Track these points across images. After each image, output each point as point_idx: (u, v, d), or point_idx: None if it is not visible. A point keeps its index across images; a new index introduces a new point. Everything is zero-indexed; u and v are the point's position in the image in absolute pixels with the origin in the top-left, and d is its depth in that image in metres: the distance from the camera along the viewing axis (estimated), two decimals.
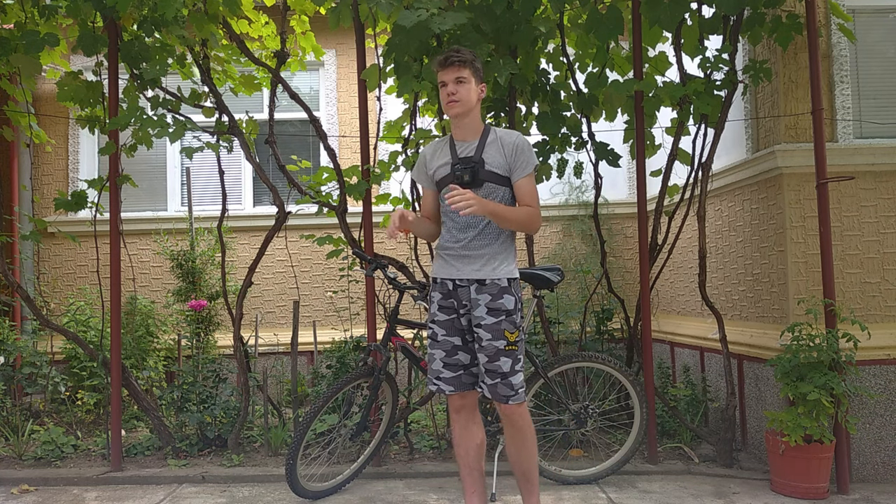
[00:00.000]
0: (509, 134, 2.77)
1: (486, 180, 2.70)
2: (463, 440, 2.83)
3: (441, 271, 2.81)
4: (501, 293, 2.69)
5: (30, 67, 4.13)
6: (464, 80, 2.68)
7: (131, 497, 3.49)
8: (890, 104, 3.95)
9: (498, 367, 2.67)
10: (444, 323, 2.78)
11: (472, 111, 2.74)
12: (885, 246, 3.80)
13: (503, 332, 2.67)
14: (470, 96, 2.70)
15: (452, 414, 2.84)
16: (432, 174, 2.85)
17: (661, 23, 3.63)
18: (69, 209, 4.13)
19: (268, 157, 5.68)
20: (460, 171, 2.70)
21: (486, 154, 2.73)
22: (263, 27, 4.63)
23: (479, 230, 2.72)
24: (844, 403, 3.40)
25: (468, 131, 2.77)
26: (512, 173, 2.73)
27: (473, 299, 2.71)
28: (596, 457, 3.84)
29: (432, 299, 2.83)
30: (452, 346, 2.77)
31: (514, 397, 2.68)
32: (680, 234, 4.28)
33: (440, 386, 2.79)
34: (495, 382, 2.68)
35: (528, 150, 2.75)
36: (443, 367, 2.78)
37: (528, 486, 2.83)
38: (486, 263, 2.71)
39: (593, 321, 4.85)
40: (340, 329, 5.36)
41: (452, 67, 2.69)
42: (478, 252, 2.72)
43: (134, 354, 4.95)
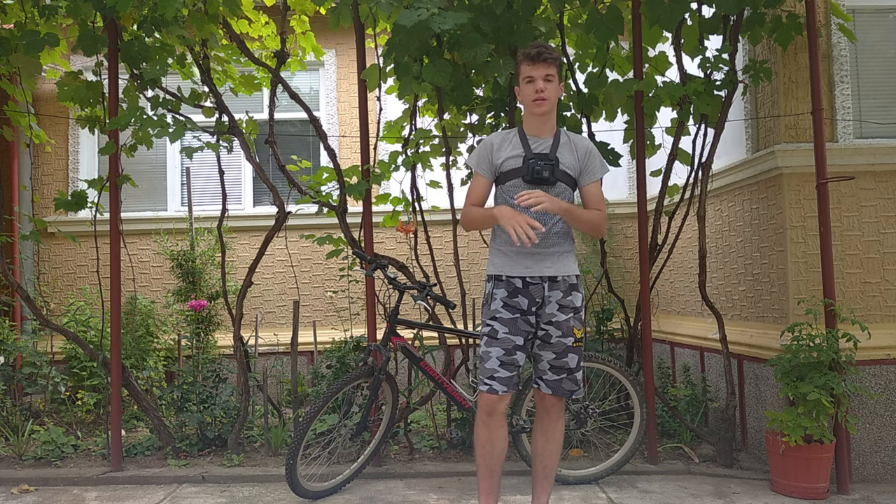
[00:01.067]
0: (582, 139, 2.83)
1: (560, 180, 2.72)
2: (490, 443, 2.77)
3: (508, 269, 2.76)
4: (570, 290, 2.75)
5: (30, 67, 4.13)
6: (552, 78, 2.69)
7: (131, 497, 3.49)
8: (890, 104, 3.95)
9: (565, 364, 2.73)
10: (507, 321, 2.73)
11: (553, 110, 2.76)
12: (885, 246, 3.80)
13: (572, 328, 2.73)
14: (556, 94, 2.73)
15: (483, 416, 2.75)
16: (499, 164, 2.78)
17: (661, 23, 3.63)
18: (69, 209, 4.13)
19: (268, 157, 5.68)
20: (539, 167, 2.67)
21: (559, 153, 2.74)
22: (263, 27, 4.63)
23: (550, 226, 2.73)
24: (844, 403, 3.40)
25: (545, 128, 2.77)
26: (581, 177, 2.79)
27: (546, 296, 2.73)
28: (596, 457, 3.84)
29: (495, 296, 2.77)
30: (514, 345, 2.72)
31: (577, 391, 2.78)
32: (680, 234, 4.28)
33: (493, 386, 2.70)
34: (561, 378, 2.74)
35: (599, 157, 2.82)
36: (499, 367, 2.71)
37: (544, 485, 2.86)
38: (557, 260, 2.75)
39: (593, 321, 4.85)
40: (340, 329, 5.35)
41: (544, 64, 2.66)
42: (550, 250, 2.74)
43: (134, 354, 4.94)
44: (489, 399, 2.73)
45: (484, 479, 2.81)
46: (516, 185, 2.74)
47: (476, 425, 2.83)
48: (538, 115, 2.73)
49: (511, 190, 2.76)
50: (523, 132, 2.79)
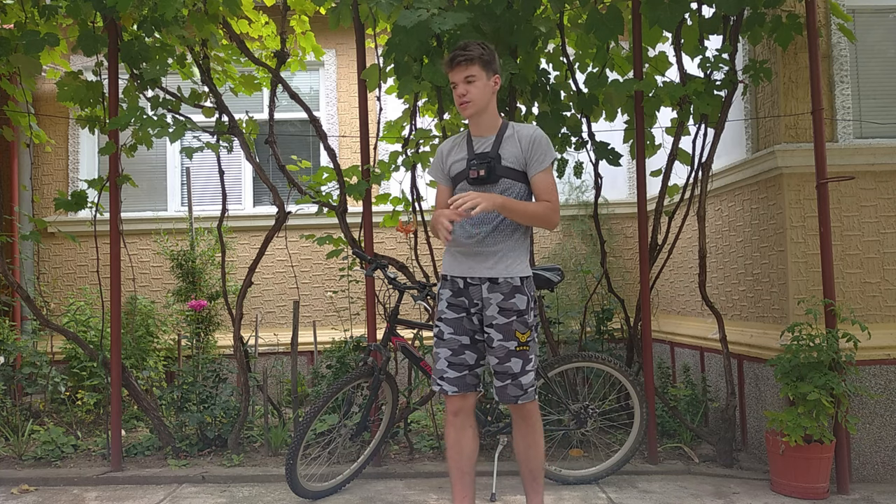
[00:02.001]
0: (526, 128, 2.71)
1: (503, 176, 2.65)
2: (457, 443, 2.77)
3: (452, 268, 2.75)
4: (513, 292, 2.64)
5: (30, 67, 4.13)
6: (473, 78, 2.62)
7: (131, 497, 3.49)
8: (890, 104, 3.95)
9: (508, 369, 2.63)
10: (452, 321, 2.73)
11: (486, 108, 2.69)
12: (885, 246, 3.80)
13: (514, 332, 2.62)
14: (482, 94, 2.64)
15: (449, 416, 2.77)
16: (448, 169, 2.80)
17: (661, 23, 3.63)
18: (69, 209, 4.13)
19: (268, 157, 5.68)
20: (476, 167, 2.64)
21: (502, 149, 2.67)
22: (263, 27, 4.63)
23: (493, 226, 2.66)
24: (844, 403, 3.40)
25: (485, 127, 2.72)
26: (528, 168, 2.68)
27: (485, 298, 2.66)
28: (596, 457, 3.84)
29: (441, 296, 2.77)
30: (460, 345, 2.71)
31: (523, 397, 2.65)
32: (680, 234, 4.28)
33: (443, 386, 2.73)
34: (505, 384, 2.64)
35: (545, 143, 2.68)
36: (447, 367, 2.72)
37: (534, 486, 2.80)
38: (498, 261, 2.66)
39: (593, 321, 4.85)
40: (340, 329, 5.35)
41: (460, 67, 2.62)
42: (491, 249, 2.66)
43: (134, 354, 4.94)
44: (451, 399, 2.75)
45: (456, 482, 2.78)
46: (463, 187, 2.72)
47: (445, 426, 2.83)
48: (466, 117, 2.71)
49: (461, 192, 2.72)
50: (469, 134, 2.77)
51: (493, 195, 2.54)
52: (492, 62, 2.66)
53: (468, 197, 2.47)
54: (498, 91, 3.91)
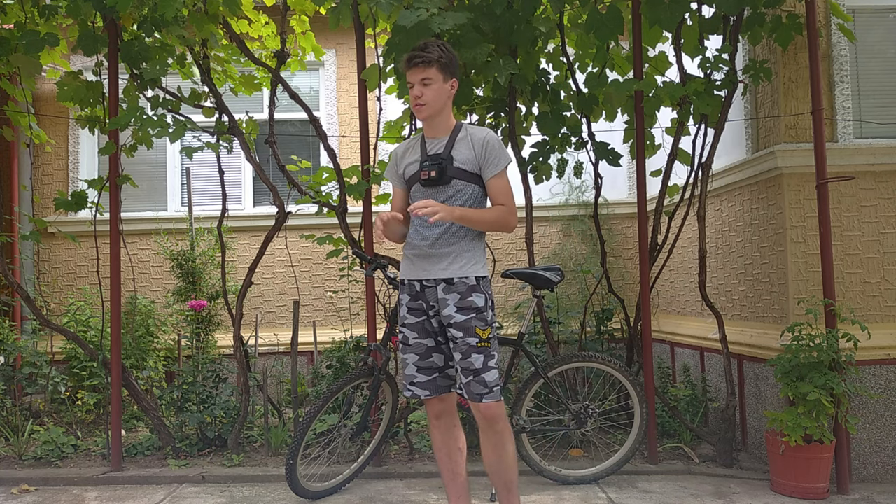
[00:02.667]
0: (480, 130, 2.68)
1: (455, 177, 2.63)
2: (445, 446, 2.76)
3: (408, 272, 2.74)
4: (470, 292, 2.62)
5: (30, 67, 4.13)
6: (429, 81, 2.59)
7: (131, 497, 3.49)
8: (890, 104, 3.95)
9: (470, 364, 2.60)
10: (414, 326, 2.73)
11: (442, 110, 2.66)
12: (885, 246, 3.80)
13: (474, 329, 2.60)
14: (438, 97, 2.62)
15: (432, 420, 2.77)
16: (402, 172, 2.78)
17: (661, 23, 3.63)
18: (69, 209, 4.13)
19: (268, 157, 5.67)
20: (427, 167, 2.63)
21: (455, 151, 2.65)
22: (263, 27, 4.63)
23: (445, 227, 2.65)
24: (844, 403, 3.40)
25: (439, 129, 2.70)
26: (483, 171, 2.65)
27: (441, 299, 2.64)
28: (596, 457, 3.84)
29: (401, 301, 2.77)
30: (426, 348, 2.71)
31: (487, 395, 2.60)
32: (680, 234, 4.28)
33: (414, 391, 2.72)
34: (469, 380, 2.60)
35: (498, 146, 2.66)
36: (416, 372, 2.72)
37: (508, 497, 2.70)
38: (452, 262, 2.64)
39: (593, 321, 4.85)
40: (340, 329, 5.35)
41: (417, 69, 2.59)
42: (444, 250, 2.65)
43: (134, 354, 4.94)
44: (429, 403, 2.75)
45: (448, 484, 2.78)
46: (417, 189, 2.71)
47: (430, 432, 2.83)
48: (421, 119, 2.68)
49: (414, 195, 2.74)
50: (423, 136, 2.75)
51: (453, 208, 2.53)
52: (450, 65, 2.63)
53: (429, 204, 2.46)
54: (498, 91, 3.97)
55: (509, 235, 5.81)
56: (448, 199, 2.65)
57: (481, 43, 3.59)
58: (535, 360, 3.46)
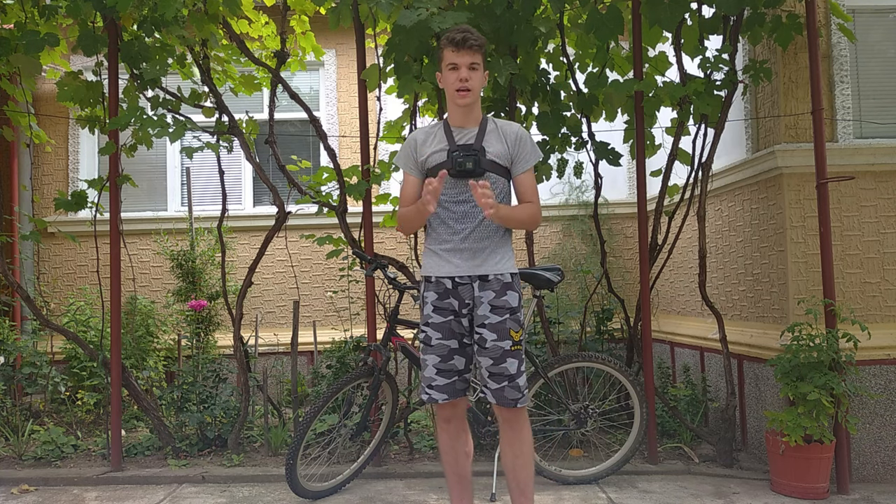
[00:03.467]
0: (510, 125, 2.63)
1: (488, 170, 2.54)
2: (453, 450, 2.70)
3: (436, 269, 2.61)
4: (505, 289, 2.54)
5: (30, 67, 4.13)
6: (477, 65, 2.51)
7: (131, 497, 3.49)
8: (890, 104, 3.95)
9: (504, 370, 2.51)
10: (439, 326, 2.59)
11: (477, 101, 2.60)
12: (885, 246, 3.80)
13: (508, 331, 2.52)
14: (481, 84, 2.56)
15: (442, 423, 2.68)
16: (423, 160, 2.63)
17: (661, 23, 3.63)
18: (69, 209, 4.13)
19: (268, 157, 5.67)
20: (462, 158, 2.50)
21: (486, 142, 2.57)
22: (263, 27, 4.63)
23: (478, 221, 2.56)
24: (844, 403, 3.40)
25: (468, 118, 2.61)
26: (513, 165, 2.59)
27: (477, 297, 2.54)
28: (596, 457, 3.84)
29: (425, 300, 2.64)
30: (448, 350, 2.59)
31: (521, 400, 2.54)
32: (680, 234, 4.27)
33: (432, 395, 2.60)
34: (502, 386, 2.52)
35: (530, 142, 2.61)
36: (436, 374, 2.59)
37: (521, 500, 2.64)
38: (487, 257, 2.55)
39: (593, 321, 4.85)
40: (340, 329, 5.35)
41: (469, 51, 2.48)
42: (478, 245, 2.55)
43: (134, 354, 4.94)
44: (441, 407, 2.64)
45: (453, 486, 2.74)
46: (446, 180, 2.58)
47: (437, 433, 2.76)
48: (461, 106, 2.55)
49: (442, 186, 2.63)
50: (447, 124, 2.63)
51: (499, 206, 2.41)
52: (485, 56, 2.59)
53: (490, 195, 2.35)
54: (498, 91, 3.97)
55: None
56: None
57: None
58: (535, 360, 3.46)
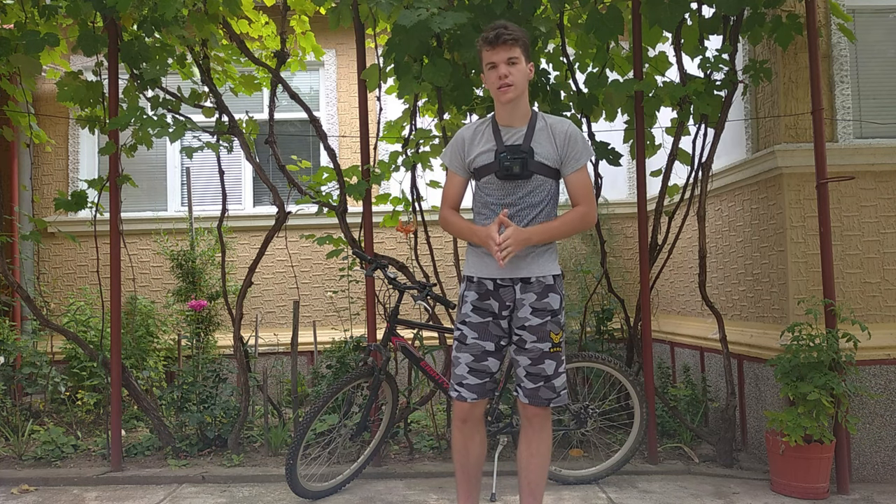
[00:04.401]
0: (561, 122, 2.55)
1: (536, 172, 2.49)
2: (465, 448, 2.67)
3: (479, 269, 2.57)
4: (546, 292, 2.52)
5: (30, 67, 4.13)
6: (516, 60, 2.45)
7: (131, 497, 3.49)
8: (890, 104, 3.95)
9: (542, 371, 2.51)
10: (476, 326, 2.56)
11: (522, 95, 2.52)
12: (885, 246, 3.80)
13: (548, 333, 2.50)
14: (524, 78, 2.48)
15: (458, 422, 2.65)
16: (471, 161, 2.59)
17: (661, 23, 3.63)
18: (69, 209, 4.13)
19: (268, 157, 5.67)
20: (509, 162, 2.46)
21: (535, 143, 2.50)
22: (263, 27, 4.63)
23: (525, 223, 2.51)
24: (844, 403, 3.40)
25: (515, 116, 2.54)
26: (563, 166, 2.52)
27: (518, 299, 2.52)
28: (596, 457, 3.84)
29: (465, 299, 2.60)
30: (483, 350, 2.56)
31: (556, 399, 2.54)
32: (680, 234, 4.27)
33: (461, 393, 2.57)
34: (537, 386, 2.52)
35: (581, 140, 2.53)
36: (468, 373, 2.57)
37: (530, 500, 2.63)
38: (531, 261, 2.52)
39: (593, 321, 4.85)
40: (340, 329, 5.35)
41: (504, 46, 2.43)
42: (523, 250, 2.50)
43: (134, 354, 4.94)
44: (461, 406, 2.61)
45: (461, 484, 2.72)
46: (490, 181, 2.55)
47: (452, 430, 2.73)
48: (504, 102, 2.50)
49: (485, 187, 2.57)
50: (496, 122, 2.58)
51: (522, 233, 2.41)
52: (528, 48, 2.51)
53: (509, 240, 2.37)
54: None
55: None
56: (527, 194, 2.52)
57: None
58: None
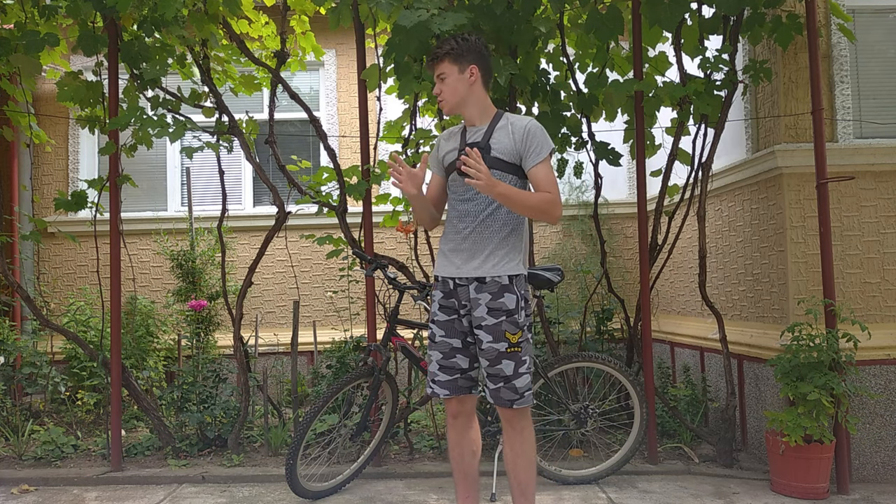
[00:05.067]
0: (521, 119, 2.63)
1: (492, 167, 2.55)
2: (459, 446, 2.74)
3: (442, 269, 2.68)
4: (502, 292, 2.55)
5: (30, 67, 4.13)
6: (444, 75, 2.61)
7: (131, 497, 3.49)
8: (890, 104, 3.95)
9: (500, 371, 2.54)
10: (443, 324, 2.66)
11: (466, 100, 2.63)
12: (885, 246, 3.80)
13: (504, 333, 2.53)
14: (455, 89, 2.61)
15: (449, 419, 2.73)
16: (443, 158, 2.74)
17: (661, 23, 3.63)
18: (69, 209, 4.13)
19: (268, 157, 5.68)
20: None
21: (493, 140, 2.60)
22: (263, 27, 4.63)
23: (479, 220, 2.59)
24: (844, 403, 3.40)
25: (475, 117, 2.67)
26: (524, 160, 2.58)
27: (473, 299, 2.57)
28: (596, 457, 3.84)
29: (433, 298, 2.71)
30: (451, 348, 2.65)
31: (518, 401, 2.55)
32: (680, 234, 4.28)
33: (434, 389, 2.68)
34: (498, 387, 2.55)
35: (540, 134, 2.58)
36: (438, 370, 2.67)
37: (521, 500, 2.64)
38: (486, 260, 2.57)
39: (593, 321, 4.85)
40: (340, 329, 5.35)
41: (432, 65, 2.65)
42: (478, 246, 2.58)
43: (134, 354, 4.94)
44: (449, 402, 2.72)
45: (459, 482, 2.76)
46: (454, 178, 2.68)
47: (447, 428, 2.80)
48: (446, 114, 2.75)
49: (451, 184, 2.71)
50: (465, 125, 2.73)
51: (497, 182, 2.42)
52: (466, 53, 2.59)
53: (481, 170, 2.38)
54: (498, 91, 3.97)
55: None
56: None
57: None
58: (536, 361, 3.46)
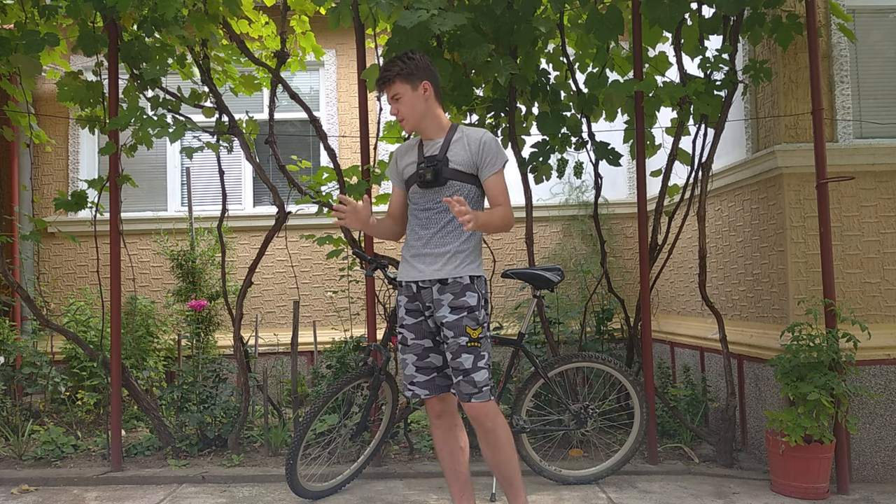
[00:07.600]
0: (475, 131, 2.73)
1: (450, 178, 2.67)
2: (446, 445, 2.81)
3: (404, 273, 2.79)
4: (464, 291, 2.66)
5: (30, 67, 4.13)
6: (398, 95, 2.67)
7: (131, 497, 3.49)
8: (890, 104, 3.95)
9: (460, 365, 2.62)
10: (412, 326, 2.77)
11: (424, 117, 2.72)
12: (885, 246, 3.80)
13: (465, 328, 2.62)
14: (412, 108, 2.68)
15: (433, 419, 2.82)
16: (401, 172, 2.84)
17: (661, 23, 3.63)
18: (69, 209, 4.13)
19: (268, 157, 5.68)
20: (423, 170, 2.68)
21: (451, 152, 2.69)
22: (263, 27, 4.63)
23: (439, 226, 2.70)
24: (844, 403, 3.40)
25: (431, 132, 2.76)
26: (480, 171, 2.69)
27: (436, 300, 2.68)
28: (596, 457, 3.84)
29: (399, 303, 2.82)
30: (423, 348, 2.76)
31: (476, 395, 2.62)
32: (680, 234, 4.28)
33: (414, 391, 2.77)
34: (458, 380, 2.64)
35: (495, 146, 2.70)
36: (416, 372, 2.76)
37: (511, 491, 2.75)
38: (447, 262, 2.67)
39: (593, 321, 4.85)
40: (340, 329, 5.35)
41: (384, 88, 2.70)
42: (439, 250, 2.69)
43: (134, 354, 4.94)
44: (429, 402, 2.80)
45: (451, 482, 2.82)
46: (414, 190, 2.76)
47: (431, 430, 2.87)
48: (407, 132, 2.83)
49: (412, 196, 2.78)
50: (422, 139, 2.82)
51: (481, 216, 2.49)
52: (414, 72, 2.66)
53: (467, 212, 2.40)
54: (498, 91, 3.97)
55: (509, 235, 5.81)
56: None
57: (481, 43, 3.59)
58: (535, 360, 3.46)
